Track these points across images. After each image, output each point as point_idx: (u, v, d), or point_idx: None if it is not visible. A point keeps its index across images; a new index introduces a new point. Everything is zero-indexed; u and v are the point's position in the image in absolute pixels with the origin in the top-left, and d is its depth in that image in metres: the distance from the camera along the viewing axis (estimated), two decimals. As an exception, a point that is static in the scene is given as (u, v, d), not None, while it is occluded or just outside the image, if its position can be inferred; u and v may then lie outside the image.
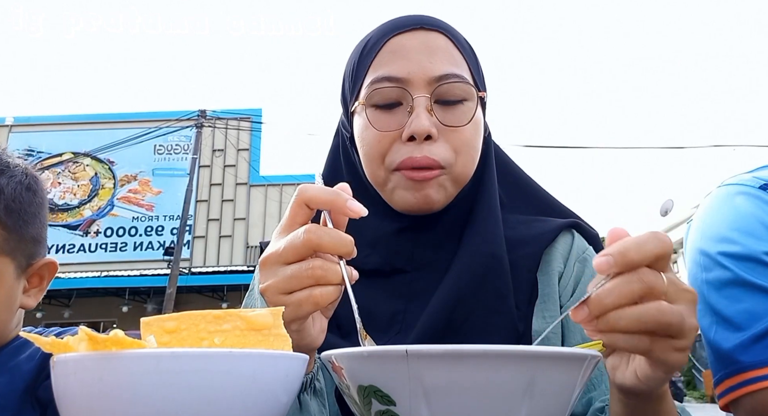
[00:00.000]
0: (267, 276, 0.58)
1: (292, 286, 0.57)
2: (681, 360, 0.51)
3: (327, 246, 0.57)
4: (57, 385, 0.43)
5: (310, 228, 0.57)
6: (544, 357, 0.45)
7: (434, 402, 0.45)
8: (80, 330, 0.42)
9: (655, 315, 0.48)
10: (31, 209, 0.84)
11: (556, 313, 0.79)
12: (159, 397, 0.40)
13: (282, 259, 0.58)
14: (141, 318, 0.47)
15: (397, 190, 0.78)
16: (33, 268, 0.86)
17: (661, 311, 0.48)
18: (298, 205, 0.60)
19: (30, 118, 16.28)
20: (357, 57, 0.83)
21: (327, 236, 0.57)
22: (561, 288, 0.82)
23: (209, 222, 15.30)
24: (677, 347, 0.50)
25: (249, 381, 0.42)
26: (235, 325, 0.47)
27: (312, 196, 0.59)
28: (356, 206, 0.58)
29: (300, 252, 0.57)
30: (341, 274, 0.58)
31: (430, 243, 0.82)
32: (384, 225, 0.83)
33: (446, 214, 0.82)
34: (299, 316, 0.57)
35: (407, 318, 0.78)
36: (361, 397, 0.49)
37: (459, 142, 0.77)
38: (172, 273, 11.74)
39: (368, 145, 0.79)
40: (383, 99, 0.78)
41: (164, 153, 15.68)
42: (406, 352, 0.44)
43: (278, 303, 0.57)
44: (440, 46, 0.79)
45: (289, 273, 0.57)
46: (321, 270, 0.56)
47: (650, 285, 0.48)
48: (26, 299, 0.86)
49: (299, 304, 0.56)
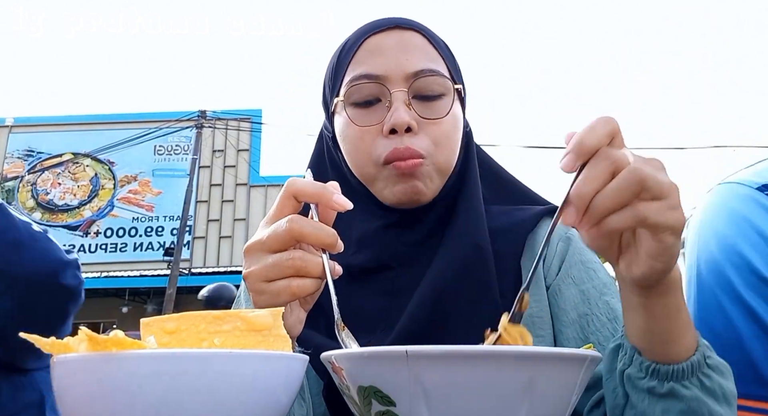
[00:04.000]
0: (250, 262, 0.60)
1: (272, 275, 0.59)
2: (680, 219, 0.51)
3: (309, 236, 0.59)
4: (57, 386, 0.43)
5: (294, 218, 0.59)
6: (544, 358, 0.45)
7: (434, 402, 0.45)
8: (80, 330, 0.42)
9: (632, 176, 0.49)
10: None
11: (543, 296, 0.80)
12: (159, 398, 0.40)
13: (265, 247, 0.60)
14: (141, 319, 0.47)
15: (388, 183, 0.79)
16: None
17: (634, 171, 0.49)
18: (286, 197, 0.62)
19: (30, 118, 16.28)
20: (336, 59, 0.85)
21: (309, 226, 0.59)
22: (546, 269, 0.82)
23: (209, 223, 15.29)
24: (670, 205, 0.50)
25: (249, 382, 0.42)
26: (235, 326, 0.47)
27: (300, 189, 0.61)
28: (342, 200, 0.61)
29: (283, 241, 0.59)
30: (322, 267, 0.59)
31: (415, 240, 0.83)
32: (370, 222, 0.83)
33: (431, 210, 0.83)
34: (276, 304, 0.58)
35: (392, 315, 0.78)
36: (361, 398, 0.49)
37: (438, 134, 0.79)
38: (172, 274, 11.74)
39: (351, 143, 0.81)
40: (362, 96, 0.79)
41: (164, 153, 15.67)
42: (406, 353, 0.44)
43: (258, 290, 0.59)
44: (416, 43, 0.81)
45: (271, 262, 0.59)
46: (301, 261, 0.58)
47: (615, 158, 0.49)
48: None
49: (277, 294, 0.58)
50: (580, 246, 0.84)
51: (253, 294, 0.60)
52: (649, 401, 0.59)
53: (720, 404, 0.58)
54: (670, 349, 0.58)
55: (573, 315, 0.77)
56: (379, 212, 0.83)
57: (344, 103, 0.80)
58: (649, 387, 0.58)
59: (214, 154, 15.78)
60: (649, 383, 0.58)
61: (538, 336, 0.77)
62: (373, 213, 0.84)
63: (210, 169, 15.69)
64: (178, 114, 15.14)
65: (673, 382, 0.57)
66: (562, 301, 0.79)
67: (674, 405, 0.58)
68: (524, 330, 0.55)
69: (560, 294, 0.80)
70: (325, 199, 0.61)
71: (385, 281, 0.81)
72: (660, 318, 0.57)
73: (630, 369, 0.60)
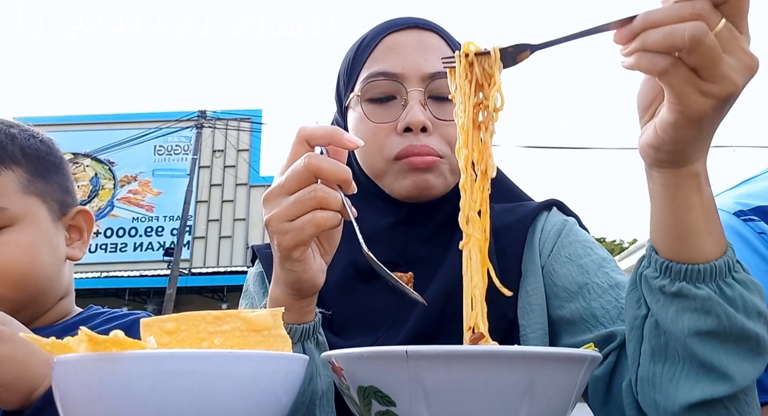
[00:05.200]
0: (270, 208, 0.62)
1: (295, 212, 0.60)
2: (702, 106, 0.50)
3: (327, 171, 0.60)
4: (57, 386, 0.43)
5: (311, 155, 0.61)
6: (544, 358, 0.45)
7: (434, 402, 0.45)
8: (80, 331, 0.42)
9: (689, 31, 0.47)
10: (49, 158, 0.88)
11: (539, 282, 0.80)
12: (159, 398, 0.40)
13: (285, 190, 0.61)
14: (141, 319, 0.47)
15: (398, 177, 0.79)
16: (68, 217, 0.88)
17: (697, 29, 0.47)
18: (298, 143, 0.63)
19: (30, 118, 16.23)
20: (352, 54, 0.86)
21: (326, 161, 0.61)
22: (540, 248, 0.82)
23: (209, 223, 15.28)
24: (702, 89, 0.49)
25: (249, 382, 0.42)
26: (235, 326, 0.47)
27: (311, 133, 0.63)
28: (354, 138, 0.63)
29: (301, 179, 0.60)
30: (341, 200, 0.61)
31: (423, 238, 0.83)
32: (379, 219, 0.84)
33: (440, 208, 0.83)
34: (302, 240, 0.60)
35: (398, 314, 0.78)
36: (361, 398, 0.49)
37: (452, 136, 0.78)
38: (172, 274, 11.74)
39: (364, 137, 0.81)
40: (378, 93, 0.80)
41: (164, 153, 15.66)
42: (406, 353, 0.44)
43: (282, 230, 0.60)
44: (434, 44, 0.82)
45: (292, 200, 0.60)
46: (323, 192, 0.60)
47: (701, 12, 0.47)
48: (71, 251, 0.88)
49: (302, 228, 0.59)
50: (577, 229, 0.84)
51: (277, 236, 0.61)
52: (662, 302, 0.57)
53: (739, 313, 0.55)
54: (684, 247, 0.56)
55: (573, 288, 0.77)
56: (388, 208, 0.83)
57: (360, 98, 0.81)
58: (660, 285, 0.57)
59: (214, 154, 15.77)
60: (661, 281, 0.57)
61: (534, 323, 0.77)
62: (382, 209, 0.84)
63: (210, 169, 15.68)
64: (178, 114, 15.13)
65: (685, 282, 0.56)
66: (558, 279, 0.79)
67: (686, 304, 0.56)
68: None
69: (554, 273, 0.79)
70: (336, 139, 0.63)
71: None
72: (675, 211, 0.56)
73: (647, 270, 0.59)
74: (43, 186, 0.84)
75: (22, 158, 0.83)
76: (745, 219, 0.85)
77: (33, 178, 0.83)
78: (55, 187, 0.86)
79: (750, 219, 0.85)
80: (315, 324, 0.68)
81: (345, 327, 0.79)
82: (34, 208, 0.82)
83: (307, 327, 0.67)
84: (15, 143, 0.83)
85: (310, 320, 0.68)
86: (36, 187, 0.83)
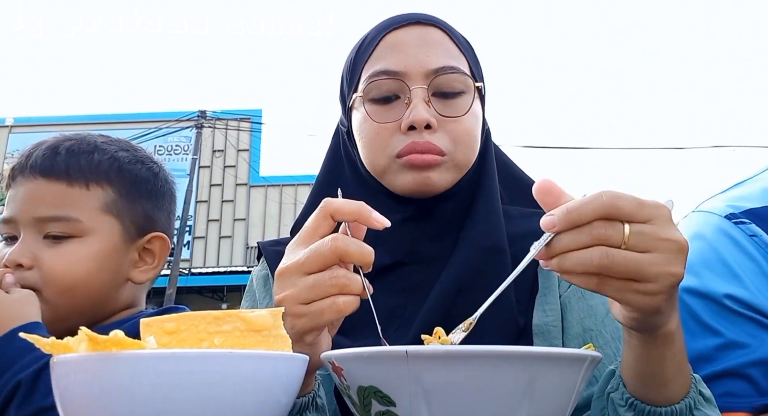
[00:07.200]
0: (285, 286, 0.58)
1: (313, 295, 0.57)
2: (647, 303, 0.52)
3: (353, 254, 0.57)
4: (57, 385, 0.43)
5: (338, 237, 0.58)
6: (544, 358, 0.45)
7: (434, 402, 0.45)
8: (80, 331, 0.42)
9: (598, 259, 0.49)
10: (148, 187, 0.90)
11: (557, 306, 0.80)
12: (159, 398, 0.40)
13: (303, 269, 0.58)
14: (141, 319, 0.47)
15: (399, 174, 0.78)
16: (143, 240, 0.89)
17: (606, 255, 0.49)
18: (322, 217, 0.60)
19: (30, 118, 16.27)
20: (354, 53, 0.84)
21: (353, 244, 0.58)
22: (560, 280, 0.82)
23: (209, 223, 15.28)
24: (640, 290, 0.51)
25: (249, 382, 0.42)
26: (235, 326, 0.47)
27: (338, 208, 0.60)
28: (381, 217, 0.60)
29: (326, 261, 0.57)
30: (362, 284, 0.58)
31: (430, 236, 0.82)
32: (388, 217, 0.83)
33: (446, 205, 0.82)
34: (318, 326, 0.57)
35: (407, 313, 0.78)
36: (361, 398, 0.49)
37: (458, 132, 0.78)
38: (171, 274, 11.73)
39: (367, 137, 0.80)
40: (381, 92, 0.79)
41: (164, 153, 15.65)
42: (406, 353, 0.44)
43: (297, 313, 0.57)
44: (436, 39, 0.80)
45: (311, 282, 0.57)
46: (346, 279, 0.57)
47: (599, 236, 0.50)
48: (136, 273, 0.88)
49: (321, 313, 0.56)
50: None
51: (291, 318, 0.57)
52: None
53: None
54: (650, 393, 0.59)
55: (578, 329, 0.77)
56: (395, 205, 0.82)
57: (362, 98, 0.80)
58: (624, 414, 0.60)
59: (214, 154, 15.77)
60: (626, 413, 0.60)
61: (552, 346, 0.77)
62: (389, 207, 0.82)
63: (210, 169, 15.68)
64: (178, 114, 15.13)
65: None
66: (570, 314, 0.79)
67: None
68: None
69: (568, 307, 0.80)
70: (364, 218, 0.60)
71: (398, 278, 0.81)
72: (647, 363, 0.58)
73: (614, 393, 0.62)
74: (127, 208, 0.87)
75: (115, 179, 0.86)
76: (737, 222, 0.86)
77: (119, 199, 0.86)
78: (139, 210, 0.88)
79: (741, 221, 0.86)
80: (314, 393, 0.66)
81: (353, 327, 0.79)
82: (109, 226, 0.84)
83: (307, 400, 0.65)
84: (115, 165, 0.87)
85: (310, 391, 0.65)
86: (118, 207, 0.86)
